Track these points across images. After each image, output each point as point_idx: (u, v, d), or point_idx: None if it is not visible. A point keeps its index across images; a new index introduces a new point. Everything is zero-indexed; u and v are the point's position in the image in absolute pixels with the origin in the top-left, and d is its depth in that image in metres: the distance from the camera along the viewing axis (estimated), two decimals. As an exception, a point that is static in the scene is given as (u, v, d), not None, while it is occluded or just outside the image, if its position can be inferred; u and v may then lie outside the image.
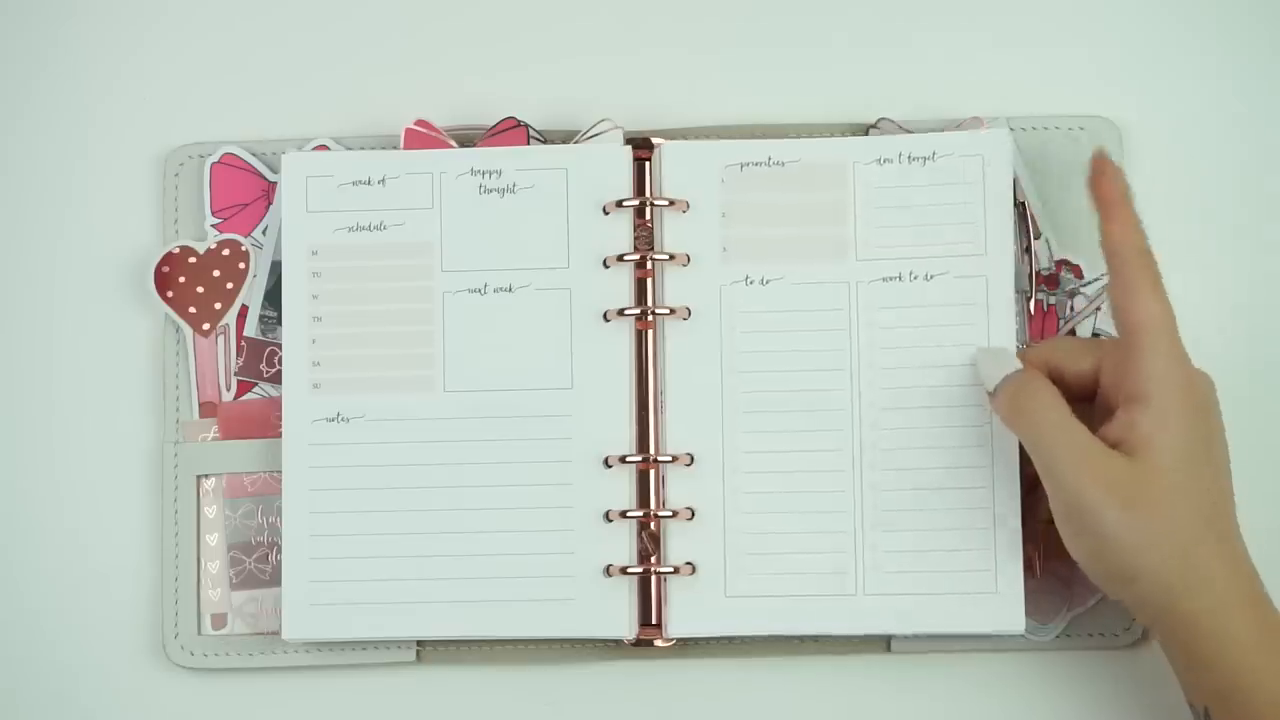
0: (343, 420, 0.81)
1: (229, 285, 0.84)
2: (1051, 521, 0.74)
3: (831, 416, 0.81)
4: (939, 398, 0.81)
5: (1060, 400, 0.74)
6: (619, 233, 0.82)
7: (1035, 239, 0.83)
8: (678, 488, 0.81)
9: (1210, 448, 0.74)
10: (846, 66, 0.86)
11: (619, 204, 0.82)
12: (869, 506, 0.80)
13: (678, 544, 0.81)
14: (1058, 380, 0.76)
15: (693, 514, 0.81)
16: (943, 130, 0.83)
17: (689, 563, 0.80)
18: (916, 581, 0.80)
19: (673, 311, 0.81)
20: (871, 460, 0.81)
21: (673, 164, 0.82)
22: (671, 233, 0.82)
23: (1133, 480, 0.71)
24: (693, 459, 0.81)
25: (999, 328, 0.81)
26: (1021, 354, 0.78)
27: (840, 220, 0.82)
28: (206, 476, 0.83)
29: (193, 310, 0.84)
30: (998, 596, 0.80)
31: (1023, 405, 0.75)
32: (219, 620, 0.83)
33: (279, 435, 0.82)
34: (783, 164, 0.82)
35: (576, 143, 0.83)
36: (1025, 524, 0.80)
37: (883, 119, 0.84)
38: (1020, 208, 0.82)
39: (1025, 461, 0.78)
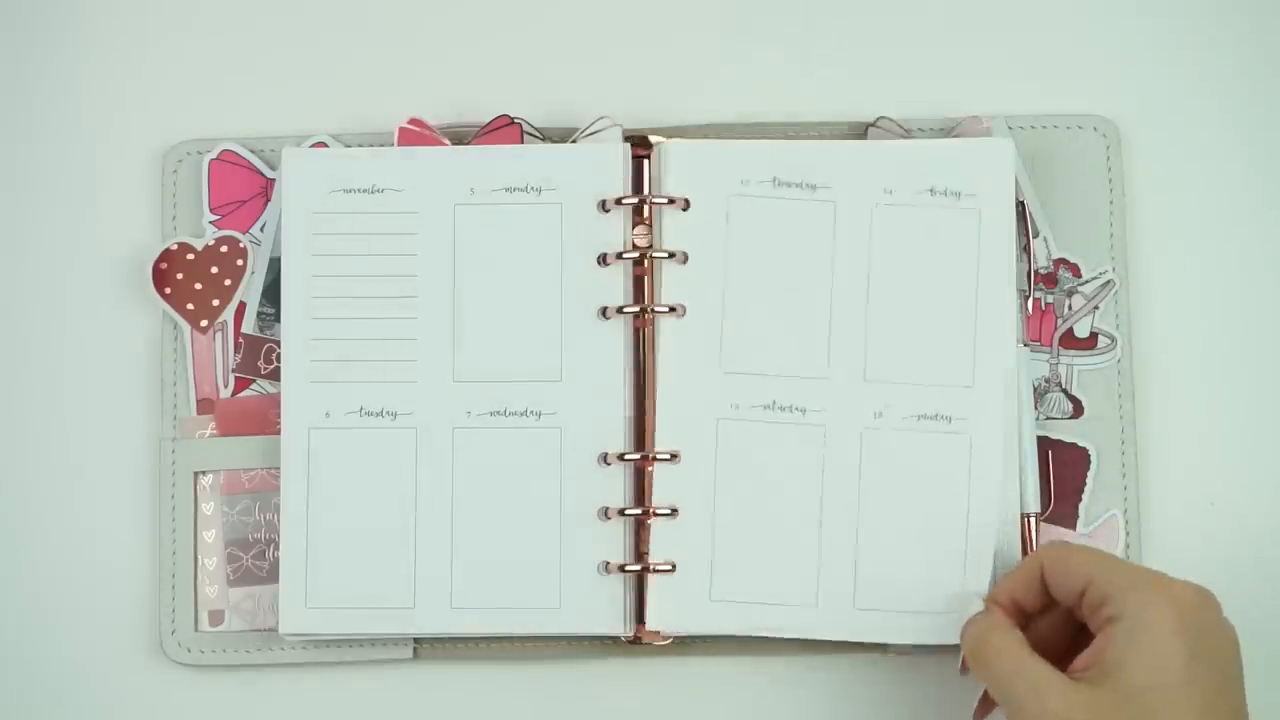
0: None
1: (227, 282, 0.84)
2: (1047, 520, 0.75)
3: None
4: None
5: (1015, 641, 0.71)
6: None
7: (1034, 238, 0.83)
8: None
9: (1197, 670, 0.67)
10: (846, 65, 0.86)
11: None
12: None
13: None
14: (1027, 614, 0.75)
15: (673, 512, 0.80)
16: (942, 129, 0.84)
17: (670, 561, 0.80)
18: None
19: (672, 310, 0.81)
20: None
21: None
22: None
23: (1090, 709, 0.67)
24: (678, 456, 0.81)
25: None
26: (990, 594, 0.76)
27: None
28: (204, 473, 0.83)
29: (191, 307, 0.84)
30: None
31: (979, 654, 0.72)
32: (216, 617, 0.83)
33: (277, 432, 0.82)
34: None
35: (575, 140, 0.83)
36: None
37: (882, 118, 0.84)
38: (1019, 207, 0.82)
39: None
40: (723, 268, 0.82)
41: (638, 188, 0.83)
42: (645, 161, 0.83)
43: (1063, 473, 0.82)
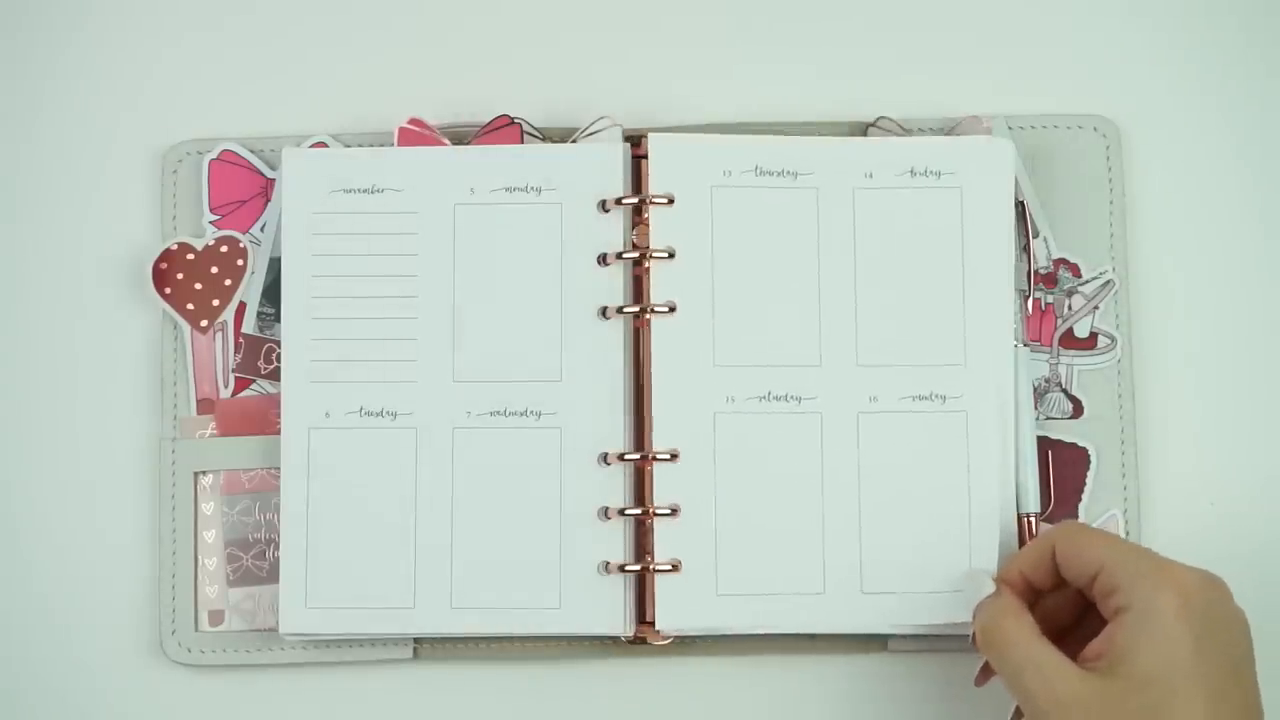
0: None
1: (227, 282, 0.84)
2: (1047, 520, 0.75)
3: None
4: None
5: (1026, 627, 0.71)
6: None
7: (1033, 238, 0.83)
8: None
9: (1205, 656, 0.67)
10: (846, 65, 0.86)
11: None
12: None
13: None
14: (1037, 591, 0.75)
15: (674, 510, 0.80)
16: (942, 129, 0.84)
17: (675, 559, 0.80)
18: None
19: (671, 309, 0.81)
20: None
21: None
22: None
23: (1099, 699, 0.67)
24: (677, 455, 0.81)
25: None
26: (1000, 573, 0.76)
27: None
28: (204, 473, 0.83)
29: (191, 307, 0.84)
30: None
31: (991, 638, 0.72)
32: (216, 617, 0.83)
33: (277, 432, 0.82)
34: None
35: (575, 140, 0.83)
36: None
37: (882, 118, 0.84)
38: (1019, 207, 0.82)
39: None
40: (709, 260, 0.82)
41: (637, 188, 0.83)
42: (644, 162, 0.83)
43: (1063, 473, 0.82)
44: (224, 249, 0.84)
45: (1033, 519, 0.81)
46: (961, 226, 0.81)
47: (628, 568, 0.80)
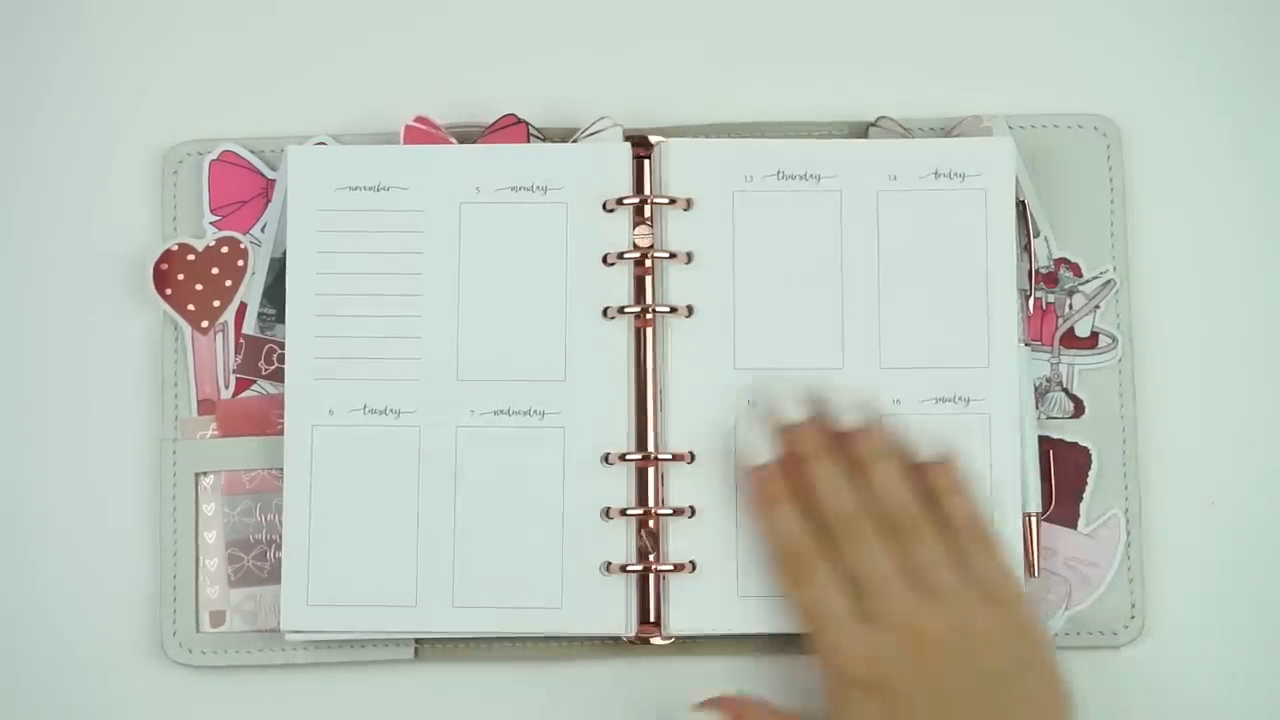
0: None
1: (228, 283, 0.84)
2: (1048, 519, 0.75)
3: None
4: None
5: None
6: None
7: (1034, 237, 0.83)
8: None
9: None
10: (847, 65, 0.86)
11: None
12: None
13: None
14: None
15: (693, 512, 0.81)
16: (942, 129, 0.84)
17: (691, 561, 0.80)
18: None
19: (674, 310, 0.81)
20: None
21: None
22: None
23: None
24: (694, 457, 0.81)
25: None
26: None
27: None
28: (205, 474, 0.83)
29: (191, 308, 0.84)
30: None
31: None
32: (217, 618, 0.83)
33: (278, 433, 0.82)
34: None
35: (576, 140, 0.84)
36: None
37: (882, 117, 0.84)
38: (1020, 206, 0.82)
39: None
40: (730, 264, 0.82)
41: (638, 188, 0.83)
42: (645, 161, 0.83)
43: (1064, 472, 0.83)
44: (224, 250, 0.84)
45: (1034, 519, 0.81)
46: (986, 228, 0.81)
47: (630, 568, 0.80)
